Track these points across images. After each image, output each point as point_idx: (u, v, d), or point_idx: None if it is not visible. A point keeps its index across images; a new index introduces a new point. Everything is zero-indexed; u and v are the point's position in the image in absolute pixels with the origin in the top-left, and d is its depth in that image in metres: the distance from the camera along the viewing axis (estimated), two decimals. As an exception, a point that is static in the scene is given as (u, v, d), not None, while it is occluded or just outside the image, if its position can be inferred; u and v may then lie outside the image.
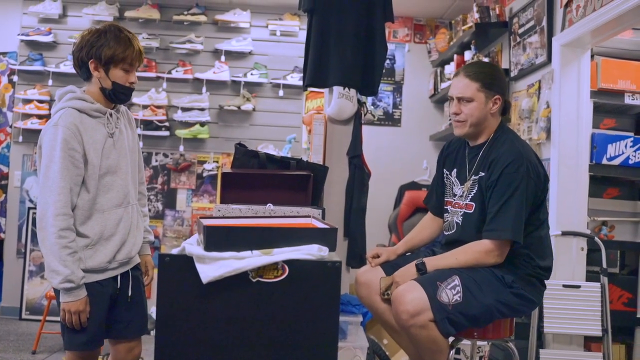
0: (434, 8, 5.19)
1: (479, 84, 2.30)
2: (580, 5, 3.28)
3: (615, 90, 3.57)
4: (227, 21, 5.17)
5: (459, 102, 2.34)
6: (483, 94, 2.30)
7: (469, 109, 2.31)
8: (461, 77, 2.34)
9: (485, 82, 2.31)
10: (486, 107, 2.32)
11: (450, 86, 2.41)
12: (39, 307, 4.88)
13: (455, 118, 2.36)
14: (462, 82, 2.33)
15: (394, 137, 5.37)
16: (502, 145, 2.29)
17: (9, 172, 5.21)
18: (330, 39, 3.03)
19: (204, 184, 5.24)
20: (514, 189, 2.18)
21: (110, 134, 2.15)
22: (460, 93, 2.33)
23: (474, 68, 2.39)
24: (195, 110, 5.12)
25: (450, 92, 2.39)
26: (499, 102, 2.34)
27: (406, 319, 2.11)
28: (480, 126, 2.35)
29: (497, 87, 2.34)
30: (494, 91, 2.32)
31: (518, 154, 2.23)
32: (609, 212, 3.75)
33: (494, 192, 2.22)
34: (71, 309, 2.04)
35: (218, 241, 1.71)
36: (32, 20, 5.19)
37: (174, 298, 1.71)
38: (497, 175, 2.21)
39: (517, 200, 2.18)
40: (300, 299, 1.69)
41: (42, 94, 5.09)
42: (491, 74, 2.37)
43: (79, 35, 2.20)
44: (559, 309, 3.31)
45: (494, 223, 2.19)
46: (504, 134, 2.35)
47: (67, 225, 2.01)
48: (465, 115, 2.33)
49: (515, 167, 2.19)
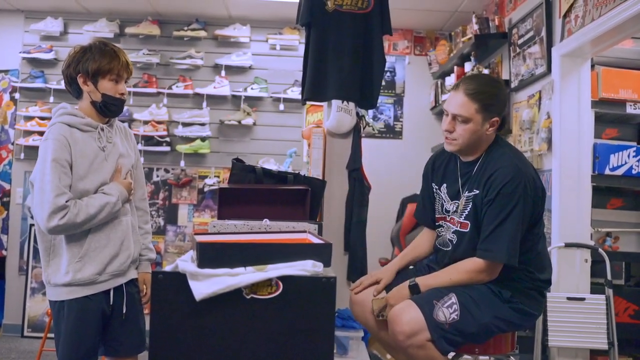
0: (433, 20, 5.19)
1: (478, 105, 2.14)
2: (579, 15, 3.27)
3: (616, 99, 3.54)
4: (227, 36, 5.19)
5: (454, 119, 2.19)
6: (481, 116, 2.15)
7: (463, 129, 2.17)
8: (460, 94, 2.16)
9: (486, 103, 2.15)
10: (482, 129, 2.18)
11: (447, 99, 2.24)
12: (41, 325, 4.86)
13: (447, 135, 2.21)
14: (460, 100, 2.16)
15: (396, 149, 5.36)
16: (498, 160, 2.18)
17: (10, 189, 5.22)
18: (328, 53, 3.03)
19: (205, 199, 5.22)
20: (510, 208, 2.09)
21: (101, 148, 2.16)
22: (456, 111, 2.17)
23: (475, 85, 2.18)
24: (196, 125, 5.12)
25: (446, 106, 2.22)
26: (497, 124, 2.20)
27: (403, 339, 2.07)
28: (473, 146, 2.23)
29: (497, 108, 2.18)
30: (493, 113, 2.17)
31: (516, 171, 2.12)
32: (613, 222, 3.71)
33: (489, 210, 2.13)
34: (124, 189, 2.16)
35: (211, 258, 1.68)
36: (33, 37, 5.23)
37: (168, 315, 1.69)
38: (494, 195, 2.11)
39: (514, 222, 2.09)
40: (295, 315, 1.66)
41: (44, 110, 5.11)
42: (493, 94, 2.19)
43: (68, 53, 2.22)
44: (564, 322, 3.26)
45: (488, 243, 2.12)
46: (499, 148, 2.24)
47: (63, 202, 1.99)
48: (457, 135, 2.18)
49: (514, 187, 2.09)
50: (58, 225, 1.99)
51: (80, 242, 2.09)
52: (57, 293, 2.11)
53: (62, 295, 2.10)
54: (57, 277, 2.10)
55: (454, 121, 2.20)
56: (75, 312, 2.09)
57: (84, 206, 2.04)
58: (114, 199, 2.11)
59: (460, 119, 2.18)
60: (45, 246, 2.13)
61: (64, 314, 2.11)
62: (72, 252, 2.09)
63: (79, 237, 2.09)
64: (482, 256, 2.15)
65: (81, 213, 2.03)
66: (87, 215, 2.04)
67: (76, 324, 2.09)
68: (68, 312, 2.10)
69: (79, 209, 2.02)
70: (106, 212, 2.09)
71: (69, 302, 2.10)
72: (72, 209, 2.01)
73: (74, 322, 2.09)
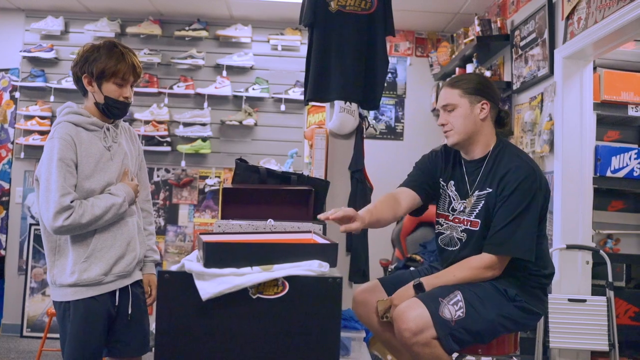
0: (435, 21, 5.20)
1: (460, 90, 2.27)
2: (581, 17, 3.27)
3: (618, 102, 3.55)
4: (228, 36, 5.18)
5: (445, 111, 2.30)
6: (467, 100, 2.26)
7: (453, 116, 2.27)
8: (444, 88, 2.32)
9: (467, 87, 2.27)
10: (472, 113, 2.26)
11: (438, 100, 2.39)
12: (40, 324, 4.84)
13: (443, 129, 2.32)
14: (445, 92, 2.31)
15: (397, 150, 5.35)
16: (511, 159, 2.22)
17: (10, 189, 5.20)
18: (331, 54, 3.03)
19: (206, 199, 5.22)
20: (526, 204, 2.13)
21: (107, 148, 2.15)
22: (443, 102, 2.30)
23: (455, 78, 2.38)
24: (197, 125, 5.12)
25: (437, 105, 2.37)
26: (487, 107, 2.26)
27: (409, 337, 2.06)
28: (472, 136, 2.28)
29: (482, 92, 2.27)
30: (478, 96, 2.26)
31: (531, 170, 2.17)
32: (614, 225, 3.72)
33: (503, 207, 2.15)
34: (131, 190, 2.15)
35: (218, 257, 1.68)
36: (34, 36, 5.22)
37: (174, 315, 1.68)
38: (511, 190, 2.14)
39: (530, 217, 2.13)
40: (301, 315, 1.66)
41: (44, 110, 5.10)
42: (474, 79, 2.32)
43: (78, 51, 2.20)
44: (565, 324, 3.27)
45: (500, 238, 2.13)
46: (507, 148, 2.29)
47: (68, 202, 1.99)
48: (451, 124, 2.28)
49: (530, 183, 2.14)
50: (63, 226, 1.99)
51: (86, 242, 2.08)
52: (63, 294, 2.10)
53: (68, 295, 2.09)
54: (62, 278, 2.08)
55: (446, 113, 2.31)
56: (81, 312, 2.08)
57: (89, 206, 2.03)
58: (120, 200, 2.10)
59: (449, 109, 2.29)
60: (51, 246, 2.12)
61: (69, 315, 2.10)
62: (77, 253, 2.07)
63: (85, 237, 2.08)
64: (491, 251, 2.15)
65: (86, 214, 2.02)
66: (93, 216, 2.03)
67: (82, 324, 2.08)
68: (74, 312, 2.09)
69: (84, 209, 2.02)
70: (112, 214, 2.08)
71: (74, 303, 2.09)
72: (77, 209, 2.00)
73: (79, 322, 2.08)
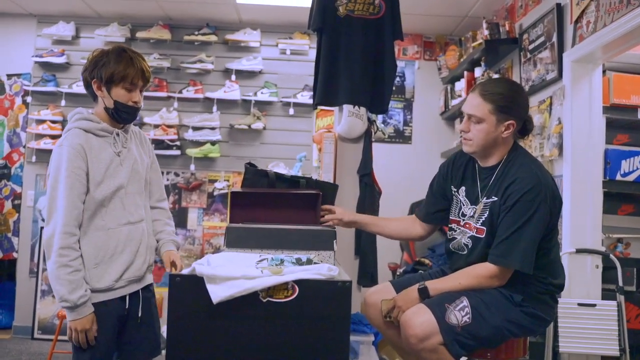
0: (443, 25, 5.20)
1: (492, 106, 2.17)
2: (590, 20, 3.27)
3: (628, 105, 3.54)
4: (237, 41, 5.22)
5: (469, 119, 2.23)
6: (495, 117, 2.17)
7: (477, 129, 2.20)
8: (475, 95, 2.21)
9: (500, 105, 2.17)
10: (496, 131, 2.19)
11: (465, 101, 2.29)
12: (51, 327, 4.88)
13: (463, 135, 2.27)
14: (475, 100, 2.21)
15: (405, 154, 5.36)
16: (519, 169, 2.17)
17: (22, 192, 5.25)
18: (339, 58, 3.04)
19: (215, 202, 5.24)
20: (529, 217, 2.09)
21: (117, 153, 2.16)
22: (470, 111, 2.22)
23: (491, 87, 2.23)
24: (206, 129, 5.15)
25: (463, 108, 2.28)
26: (513, 128, 2.20)
27: (415, 343, 2.07)
28: (489, 149, 2.24)
29: (514, 112, 2.20)
30: (508, 115, 2.18)
31: (536, 181, 2.11)
32: (624, 229, 3.70)
33: (506, 217, 2.13)
34: (77, 327, 2.02)
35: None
36: (45, 42, 5.27)
37: (185, 318, 1.71)
38: (514, 201, 2.10)
39: (532, 229, 2.09)
40: (311, 318, 1.67)
41: (55, 114, 5.15)
42: (509, 96, 2.21)
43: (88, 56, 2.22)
44: (575, 328, 3.25)
45: (503, 249, 2.12)
46: (518, 156, 2.24)
47: (67, 244, 2.00)
48: (472, 135, 2.22)
49: (533, 195, 2.09)
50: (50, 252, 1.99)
51: (97, 247, 2.08)
52: None
53: None
54: None
55: (469, 121, 2.24)
56: None
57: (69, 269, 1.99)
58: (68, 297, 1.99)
59: (474, 120, 2.22)
60: None
61: None
62: (88, 257, 2.07)
63: (95, 242, 2.08)
64: (495, 262, 2.14)
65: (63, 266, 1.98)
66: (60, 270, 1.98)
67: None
68: None
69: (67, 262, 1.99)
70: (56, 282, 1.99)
71: None
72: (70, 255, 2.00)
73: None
